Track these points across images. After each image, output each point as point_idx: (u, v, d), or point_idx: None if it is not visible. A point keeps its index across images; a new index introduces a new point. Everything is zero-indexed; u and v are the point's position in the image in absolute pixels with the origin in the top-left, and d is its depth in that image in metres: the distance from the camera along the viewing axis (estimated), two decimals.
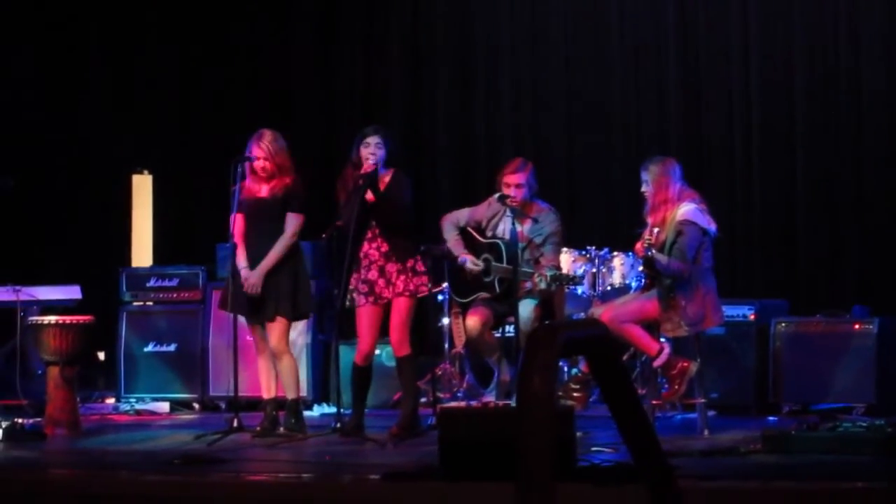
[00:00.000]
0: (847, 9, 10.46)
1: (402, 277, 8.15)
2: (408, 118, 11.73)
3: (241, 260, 8.37)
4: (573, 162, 11.28)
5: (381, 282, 8.16)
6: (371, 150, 8.10)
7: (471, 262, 8.66)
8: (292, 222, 8.37)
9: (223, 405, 9.92)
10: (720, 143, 10.80)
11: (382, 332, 8.35)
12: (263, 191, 8.39)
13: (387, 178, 8.19)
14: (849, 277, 10.37)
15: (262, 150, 8.33)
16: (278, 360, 8.40)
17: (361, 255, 8.18)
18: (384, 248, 8.17)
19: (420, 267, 8.21)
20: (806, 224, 10.50)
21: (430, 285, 8.37)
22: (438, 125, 11.71)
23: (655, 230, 7.94)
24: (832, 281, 10.42)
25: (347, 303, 8.25)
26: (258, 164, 8.34)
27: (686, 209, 7.99)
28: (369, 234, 8.18)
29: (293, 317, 8.47)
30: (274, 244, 8.32)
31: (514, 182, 8.56)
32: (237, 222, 8.37)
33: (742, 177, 10.71)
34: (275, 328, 8.35)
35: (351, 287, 8.22)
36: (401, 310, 8.16)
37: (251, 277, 8.29)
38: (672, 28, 10.94)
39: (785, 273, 10.54)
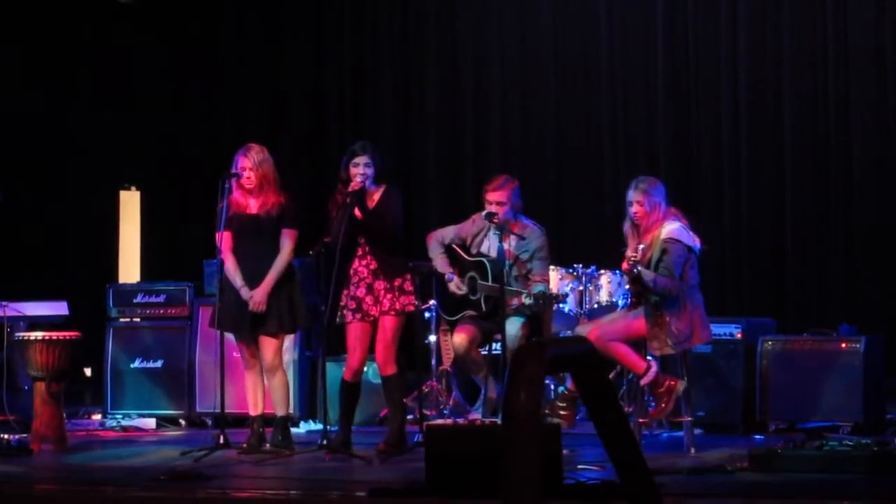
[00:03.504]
0: (835, 28, 10.51)
1: (390, 296, 8.14)
2: (397, 134, 11.74)
3: (237, 278, 8.32)
4: (561, 179, 11.30)
5: (368, 299, 8.15)
6: (360, 171, 8.10)
7: (454, 285, 8.66)
8: (289, 238, 8.35)
9: (210, 421, 9.88)
10: (709, 162, 10.85)
11: (372, 349, 8.34)
12: (253, 206, 8.36)
13: (377, 195, 8.18)
14: (836, 296, 10.39)
15: (248, 160, 8.33)
16: (271, 376, 8.38)
17: (351, 272, 8.17)
18: (373, 265, 8.16)
19: (408, 286, 8.19)
20: (794, 243, 10.52)
21: (417, 304, 8.37)
22: (427, 142, 11.73)
23: (640, 247, 7.95)
24: (820, 299, 10.44)
25: (337, 319, 8.24)
26: (244, 174, 8.34)
27: (670, 227, 8.01)
28: (359, 252, 8.18)
29: (291, 330, 8.49)
30: (269, 261, 8.29)
31: (495, 199, 8.55)
32: (225, 239, 8.36)
33: (730, 195, 10.74)
34: (271, 344, 8.33)
35: (341, 304, 8.21)
36: (387, 329, 8.14)
37: (256, 296, 8.25)
38: (661, 49, 10.97)
39: (773, 291, 10.56)
